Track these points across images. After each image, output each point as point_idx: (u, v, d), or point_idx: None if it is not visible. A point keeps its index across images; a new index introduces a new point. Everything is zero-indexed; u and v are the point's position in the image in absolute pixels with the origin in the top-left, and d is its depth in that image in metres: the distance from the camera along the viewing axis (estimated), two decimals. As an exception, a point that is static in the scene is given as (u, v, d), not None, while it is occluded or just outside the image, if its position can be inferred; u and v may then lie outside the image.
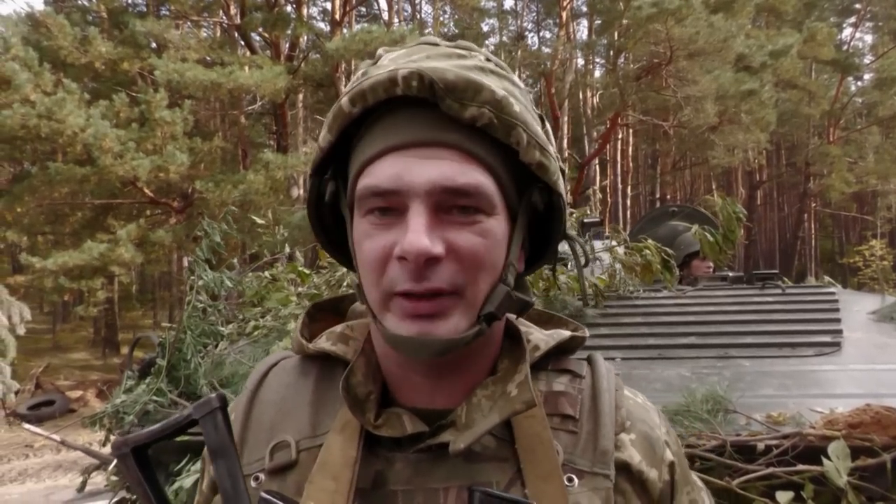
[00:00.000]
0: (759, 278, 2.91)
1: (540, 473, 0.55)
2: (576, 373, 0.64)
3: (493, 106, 0.52)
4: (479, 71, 0.54)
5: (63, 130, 9.29)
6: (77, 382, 12.95)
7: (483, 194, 0.53)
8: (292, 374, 0.64)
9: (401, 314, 0.53)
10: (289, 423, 0.60)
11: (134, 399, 1.85)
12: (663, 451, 0.63)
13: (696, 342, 2.22)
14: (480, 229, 0.53)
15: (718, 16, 13.89)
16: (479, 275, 0.54)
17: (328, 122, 0.56)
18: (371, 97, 0.53)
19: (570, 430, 0.60)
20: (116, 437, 0.51)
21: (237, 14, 14.64)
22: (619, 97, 16.13)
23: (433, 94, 0.51)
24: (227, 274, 1.95)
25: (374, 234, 0.53)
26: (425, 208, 0.52)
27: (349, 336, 0.63)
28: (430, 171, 0.52)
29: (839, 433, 1.40)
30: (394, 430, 0.56)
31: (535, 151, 0.55)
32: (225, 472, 0.49)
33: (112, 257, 10.00)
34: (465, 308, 0.54)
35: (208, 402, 0.49)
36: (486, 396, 0.57)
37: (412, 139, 0.52)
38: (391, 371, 0.60)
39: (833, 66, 22.16)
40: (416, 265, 0.51)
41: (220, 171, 12.60)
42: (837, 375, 1.85)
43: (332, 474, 0.54)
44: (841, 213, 26.84)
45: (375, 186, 0.52)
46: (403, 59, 0.55)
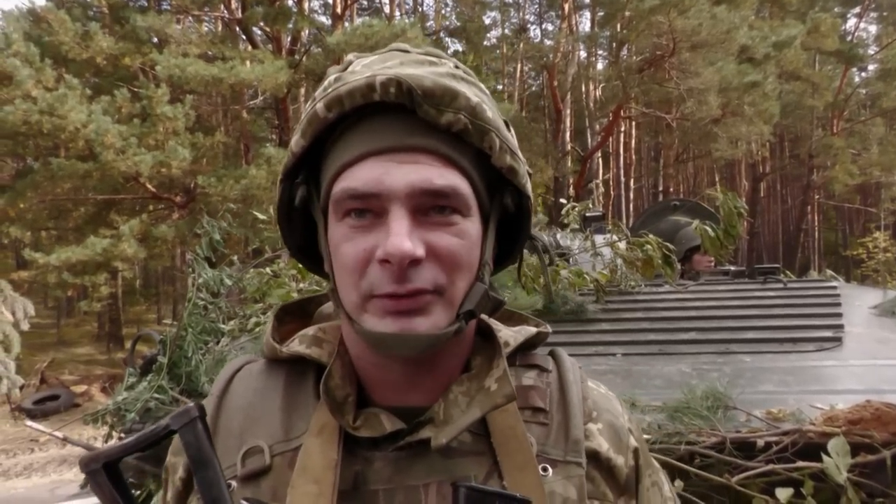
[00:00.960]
0: (761, 272, 2.91)
1: (516, 465, 0.57)
2: (542, 367, 0.67)
3: (468, 112, 0.54)
4: (451, 78, 0.56)
5: (65, 126, 9.29)
6: (81, 377, 13.02)
7: (460, 196, 0.54)
8: (259, 378, 0.64)
9: (381, 312, 0.54)
10: (260, 429, 0.60)
11: (135, 396, 1.86)
12: (628, 438, 0.65)
13: (697, 338, 2.22)
14: (457, 230, 0.55)
15: (721, 7, 13.80)
16: (458, 274, 0.55)
17: (301, 126, 0.57)
18: (348, 103, 0.54)
19: (541, 422, 0.62)
20: (85, 454, 0.48)
21: (238, 8, 14.59)
22: (622, 90, 16.06)
23: (411, 101, 0.52)
24: (226, 271, 1.95)
25: (354, 237, 0.54)
26: (405, 211, 0.53)
27: (322, 339, 0.63)
28: (409, 175, 0.53)
29: (839, 429, 1.40)
30: (373, 430, 0.57)
31: (506, 156, 0.57)
32: (208, 483, 0.48)
33: (115, 252, 10.02)
34: (445, 305, 0.55)
35: (187, 412, 0.48)
36: (463, 393, 0.58)
37: (391, 144, 0.53)
38: (367, 372, 0.60)
39: (837, 57, 22.00)
40: (399, 267, 0.52)
41: (223, 166, 12.59)
42: (838, 371, 1.85)
43: (313, 478, 0.54)
44: (845, 205, 26.74)
45: (354, 189, 0.53)
46: (378, 66, 0.56)
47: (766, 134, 17.94)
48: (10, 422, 9.61)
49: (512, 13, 24.85)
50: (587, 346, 2.17)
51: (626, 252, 2.81)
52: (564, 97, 18.55)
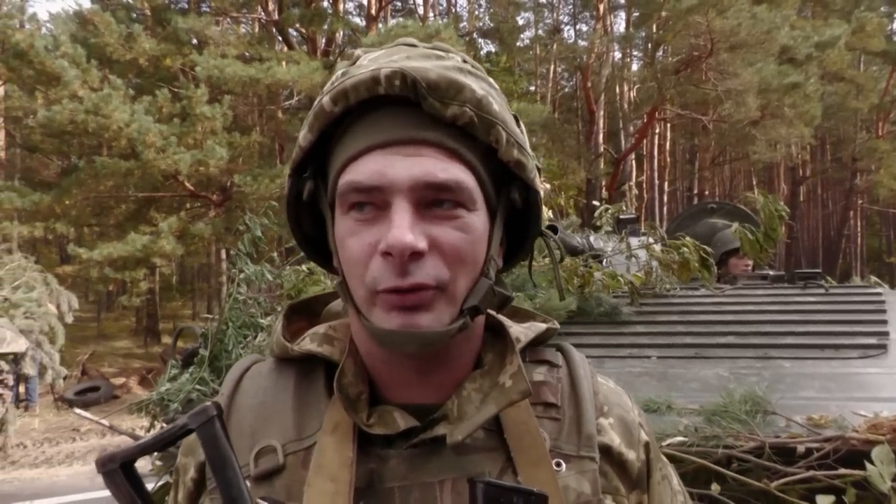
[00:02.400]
0: (801, 277, 2.84)
1: (530, 460, 0.57)
2: (552, 362, 0.67)
3: (473, 105, 0.54)
4: (458, 71, 0.55)
5: (109, 125, 9.58)
6: (120, 370, 13.39)
7: (464, 189, 0.54)
8: (269, 377, 0.64)
9: (387, 308, 0.54)
10: (272, 428, 0.60)
11: (178, 387, 1.92)
12: (639, 433, 0.66)
13: (734, 342, 2.19)
14: (461, 224, 0.54)
15: (762, 7, 13.49)
16: (461, 269, 0.55)
17: (308, 121, 0.57)
18: (353, 96, 0.54)
19: (553, 417, 0.62)
20: (101, 454, 0.48)
21: (275, 10, 14.84)
22: (657, 91, 15.83)
23: (415, 94, 0.52)
24: (267, 267, 2.00)
25: (359, 230, 0.54)
26: (408, 204, 0.53)
27: (333, 336, 0.63)
28: (412, 168, 0.53)
29: (884, 437, 1.36)
30: (387, 428, 0.57)
31: (513, 150, 0.56)
32: (227, 482, 0.47)
33: (154, 249, 10.29)
34: (448, 301, 0.55)
35: (204, 411, 0.47)
36: (476, 389, 0.59)
37: (395, 137, 0.53)
38: (377, 369, 0.60)
39: (883, 58, 21.32)
40: (400, 260, 0.52)
41: (258, 165, 12.82)
42: (883, 378, 1.80)
43: (330, 476, 0.54)
44: (889, 210, 25.85)
45: (358, 182, 0.54)
46: (384, 59, 0.55)
47: (807, 136, 17.47)
48: (53, 411, 9.95)
49: (546, 14, 24.72)
50: (621, 349, 2.16)
51: (661, 254, 2.78)
52: (598, 98, 18.37)
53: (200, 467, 0.61)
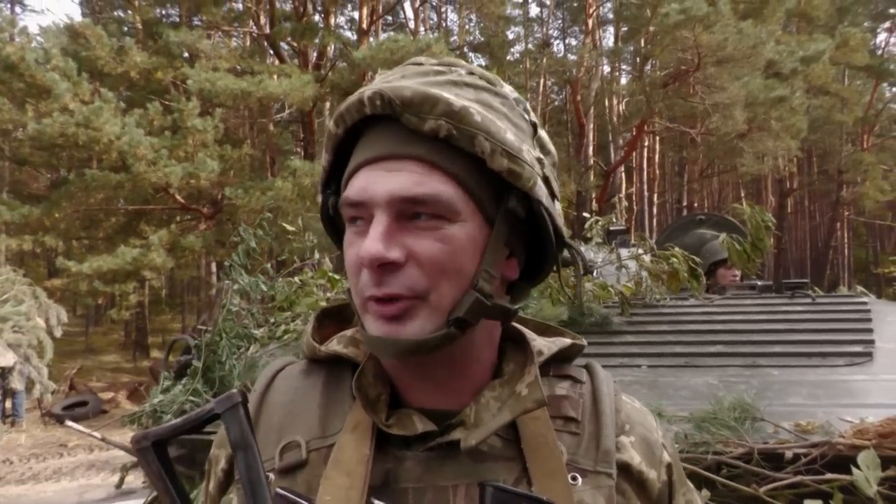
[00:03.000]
0: (789, 287, 2.88)
1: (545, 472, 0.58)
2: (576, 378, 0.67)
3: (449, 117, 0.54)
4: (449, 85, 0.57)
5: (99, 138, 9.57)
6: (108, 384, 13.25)
7: (441, 202, 0.55)
8: (299, 377, 0.67)
9: (374, 315, 0.56)
10: (298, 425, 0.62)
11: (171, 399, 1.91)
12: (661, 453, 0.66)
13: (723, 350, 2.22)
14: (441, 235, 0.55)
15: (748, 22, 13.71)
16: (443, 279, 0.56)
17: (325, 142, 0.62)
18: (348, 118, 0.58)
19: (572, 431, 0.62)
20: (136, 432, 0.50)
21: (266, 24, 14.92)
22: (646, 104, 16.00)
23: (393, 111, 0.55)
24: (261, 279, 2.01)
25: (353, 241, 0.58)
26: (386, 217, 0.55)
27: (359, 339, 0.65)
28: (390, 183, 0.55)
29: (869, 443, 1.39)
30: (405, 430, 0.58)
31: (502, 159, 0.56)
32: (246, 466, 0.49)
33: (144, 262, 10.25)
34: (430, 311, 0.56)
35: (230, 397, 0.50)
36: (494, 397, 0.60)
37: (379, 153, 0.56)
38: (397, 373, 0.62)
39: (867, 72, 21.70)
40: (372, 270, 0.54)
41: (249, 178, 12.82)
42: (868, 385, 1.83)
43: (346, 471, 0.56)
44: (875, 221, 26.16)
45: (348, 198, 0.57)
46: (380, 80, 0.59)
47: (794, 149, 17.69)
48: (40, 426, 9.82)
49: (535, 28, 24.97)
50: (612, 358, 2.18)
51: (651, 265, 2.81)
52: (587, 112, 18.54)
53: (231, 459, 0.64)
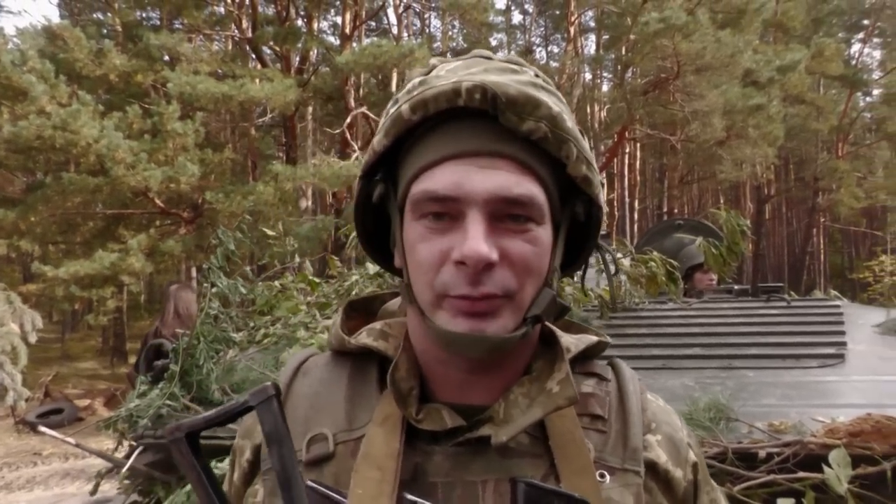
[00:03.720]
0: (765, 291, 2.93)
1: (573, 469, 0.57)
2: (602, 376, 0.67)
3: (549, 121, 0.55)
4: (533, 86, 0.57)
5: (77, 141, 9.43)
6: (85, 391, 13.01)
7: (535, 205, 0.56)
8: (324, 370, 0.67)
9: (454, 312, 0.55)
10: (324, 417, 0.62)
11: (148, 403, 1.89)
12: (687, 452, 0.66)
13: (700, 353, 2.25)
14: (531, 237, 0.56)
15: (726, 31, 13.95)
16: (528, 280, 0.56)
17: (385, 126, 0.59)
18: (433, 106, 0.55)
19: (599, 429, 0.62)
20: (170, 424, 0.50)
21: (249, 28, 14.85)
22: (627, 111, 16.19)
23: (494, 107, 0.54)
24: (240, 282, 1.99)
25: (430, 237, 0.56)
26: (482, 216, 0.54)
27: (388, 333, 0.65)
28: (488, 181, 0.54)
29: (840, 441, 1.42)
30: (435, 424, 0.58)
31: (581, 166, 0.58)
32: (280, 459, 0.49)
33: (123, 267, 10.10)
34: (514, 310, 0.56)
35: (264, 390, 0.49)
36: (523, 394, 0.60)
37: (472, 149, 0.55)
38: (430, 368, 0.62)
39: (841, 82, 22.17)
40: (474, 270, 0.53)
41: (230, 182, 12.72)
42: (840, 386, 1.87)
43: (376, 465, 0.56)
44: (850, 228, 26.69)
45: (434, 192, 0.55)
46: (463, 72, 0.57)
47: (771, 156, 18.00)
48: (13, 435, 9.61)
49: (518, 35, 25.18)
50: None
51: (630, 269, 2.84)
52: (570, 118, 18.64)
53: (256, 450, 0.64)
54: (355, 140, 15.10)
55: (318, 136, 20.98)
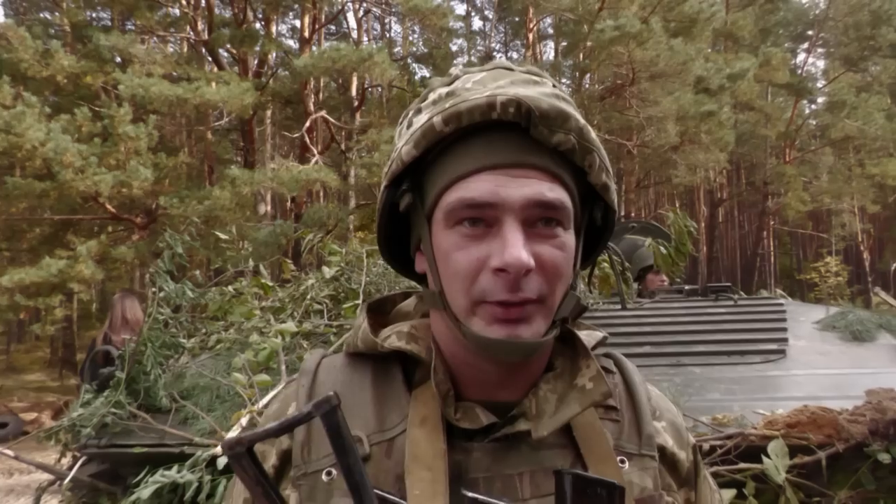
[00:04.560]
0: (713, 291, 3.02)
1: (598, 457, 0.61)
2: (608, 369, 0.71)
3: (577, 133, 0.59)
4: (557, 98, 0.59)
5: (22, 144, 9.06)
6: (32, 404, 12.50)
7: (565, 209, 0.59)
8: (345, 372, 0.68)
9: (489, 319, 0.57)
10: (354, 419, 0.62)
11: (91, 412, 1.83)
12: (687, 436, 0.72)
13: (650, 351, 2.30)
14: (560, 243, 0.59)
15: (678, 40, 14.34)
16: (558, 284, 0.59)
17: (415, 137, 0.60)
18: (466, 119, 0.57)
19: (613, 419, 0.67)
20: (229, 437, 0.49)
21: (205, 30, 14.55)
22: (584, 117, 16.41)
23: (527, 120, 0.56)
24: (188, 285, 1.95)
25: (466, 245, 0.58)
26: (518, 223, 0.57)
27: (416, 336, 0.66)
28: (523, 188, 0.57)
29: (778, 433, 1.47)
30: (472, 423, 0.61)
31: (602, 174, 0.62)
32: (349, 468, 0.50)
33: (71, 274, 9.73)
34: (545, 314, 0.59)
35: (328, 400, 0.50)
36: (550, 390, 0.63)
37: (506, 160, 0.57)
38: (459, 370, 0.64)
39: (788, 90, 23.00)
40: (515, 277, 0.55)
41: (186, 186, 12.42)
42: (781, 380, 1.94)
43: (426, 465, 0.58)
44: (798, 230, 27.69)
45: (471, 199, 0.57)
46: (492, 84, 0.60)
47: (723, 161, 18.57)
48: (-47, 451, 9.15)
49: (478, 41, 25.35)
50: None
51: (584, 271, 2.89)
52: (529, 123, 18.84)
53: (284, 455, 0.64)
54: (315, 144, 14.95)
55: (277, 140, 20.70)
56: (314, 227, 10.32)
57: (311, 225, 10.78)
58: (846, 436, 1.42)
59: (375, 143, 12.58)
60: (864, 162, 22.04)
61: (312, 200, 18.12)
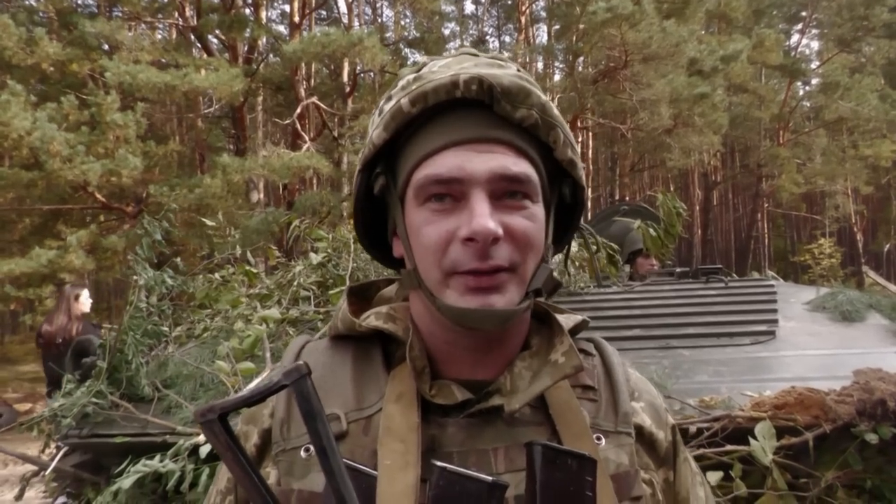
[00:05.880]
0: (704, 273, 3.01)
1: (573, 433, 0.63)
2: (587, 351, 0.74)
3: (539, 108, 0.61)
4: (519, 78, 0.61)
5: (8, 134, 8.93)
6: (26, 395, 12.48)
7: (531, 182, 0.61)
8: (327, 353, 0.70)
9: (462, 289, 0.59)
10: (333, 398, 0.64)
11: (73, 402, 1.81)
12: (666, 416, 0.73)
13: (640, 334, 2.29)
14: (528, 213, 0.61)
15: (671, 21, 14.24)
16: (529, 254, 0.61)
17: (384, 120, 0.62)
18: (432, 98, 0.60)
19: (591, 398, 0.68)
20: (200, 405, 0.51)
21: (193, 16, 14.36)
22: (578, 100, 16.39)
23: (490, 97, 0.59)
24: (168, 273, 1.92)
25: (435, 219, 0.60)
26: (485, 194, 0.58)
27: (395, 316, 0.68)
28: (488, 162, 0.59)
29: (765, 414, 1.46)
30: (446, 399, 0.63)
31: (567, 150, 0.64)
32: (317, 434, 0.51)
33: (61, 264, 9.64)
34: (518, 283, 0.61)
35: (297, 369, 0.51)
36: (525, 367, 0.65)
37: (471, 136, 0.60)
38: (437, 348, 0.66)
39: (781, 72, 22.91)
40: (483, 245, 0.57)
41: (176, 175, 12.32)
42: (770, 362, 1.93)
43: (399, 438, 0.59)
44: (792, 213, 27.75)
45: (438, 175, 0.59)
46: (456, 66, 0.62)
47: (717, 144, 18.52)
48: (-53, 443, 9.15)
49: (471, 25, 25.15)
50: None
51: (574, 254, 2.87)
52: (522, 108, 18.73)
53: (264, 434, 0.66)
54: (306, 131, 14.83)
55: (268, 127, 20.54)
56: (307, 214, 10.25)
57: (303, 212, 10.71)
58: (833, 416, 1.41)
59: (368, 129, 12.47)
60: (857, 143, 22.03)
61: (306, 187, 18.03)
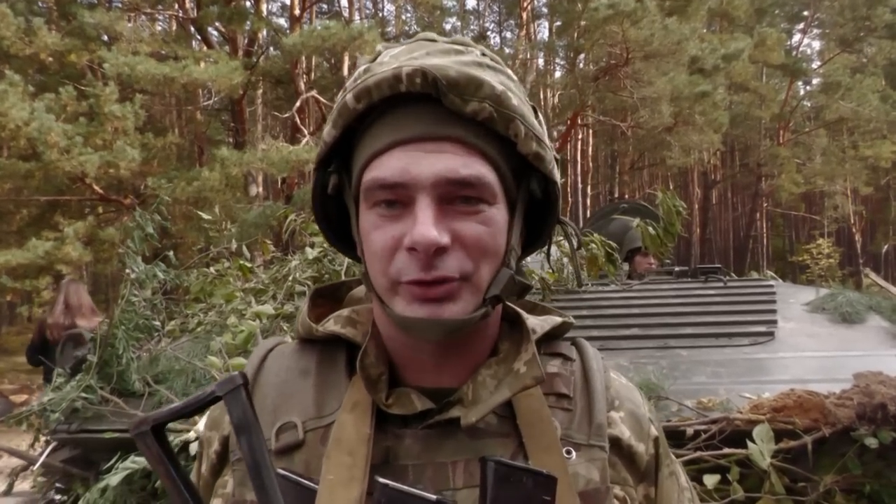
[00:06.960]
0: (703, 272, 2.99)
1: (541, 446, 0.59)
2: (567, 356, 0.69)
3: (492, 100, 0.55)
4: (477, 66, 0.57)
5: (5, 124, 8.87)
6: (21, 386, 12.46)
7: (485, 185, 0.56)
8: (292, 357, 0.66)
9: (409, 298, 0.55)
10: (293, 405, 0.61)
11: (62, 396, 1.78)
12: (649, 427, 0.68)
13: (638, 334, 2.27)
14: (483, 218, 0.56)
15: (672, 19, 14.19)
16: (484, 260, 0.57)
17: (332, 117, 0.59)
18: (376, 94, 0.55)
19: (565, 407, 0.64)
20: (136, 416, 0.50)
21: (193, 7, 14.28)
22: (578, 97, 16.35)
23: (436, 91, 0.54)
24: (160, 267, 1.89)
25: (382, 225, 0.56)
26: (431, 200, 0.54)
27: (356, 320, 0.65)
28: (435, 165, 0.54)
29: (764, 417, 1.44)
30: (404, 408, 0.59)
31: (531, 143, 0.58)
32: (250, 448, 0.49)
33: (59, 255, 9.59)
34: (472, 291, 0.56)
35: (232, 380, 0.49)
36: (490, 375, 0.61)
37: (417, 134, 0.55)
38: (398, 353, 0.62)
39: (783, 71, 22.87)
40: (425, 255, 0.53)
41: (175, 167, 12.27)
42: (768, 363, 1.91)
43: (347, 450, 0.56)
44: (791, 212, 27.75)
45: (383, 179, 0.55)
46: (405, 57, 0.57)
47: (717, 143, 18.49)
48: (-58, 434, 9.13)
49: (472, 20, 25.07)
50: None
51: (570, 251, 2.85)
52: (523, 104, 18.70)
53: (224, 441, 0.64)
54: (306, 125, 14.77)
55: (268, 120, 20.47)
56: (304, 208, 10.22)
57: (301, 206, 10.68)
58: (833, 420, 1.39)
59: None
60: (857, 144, 22.01)
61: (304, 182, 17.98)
